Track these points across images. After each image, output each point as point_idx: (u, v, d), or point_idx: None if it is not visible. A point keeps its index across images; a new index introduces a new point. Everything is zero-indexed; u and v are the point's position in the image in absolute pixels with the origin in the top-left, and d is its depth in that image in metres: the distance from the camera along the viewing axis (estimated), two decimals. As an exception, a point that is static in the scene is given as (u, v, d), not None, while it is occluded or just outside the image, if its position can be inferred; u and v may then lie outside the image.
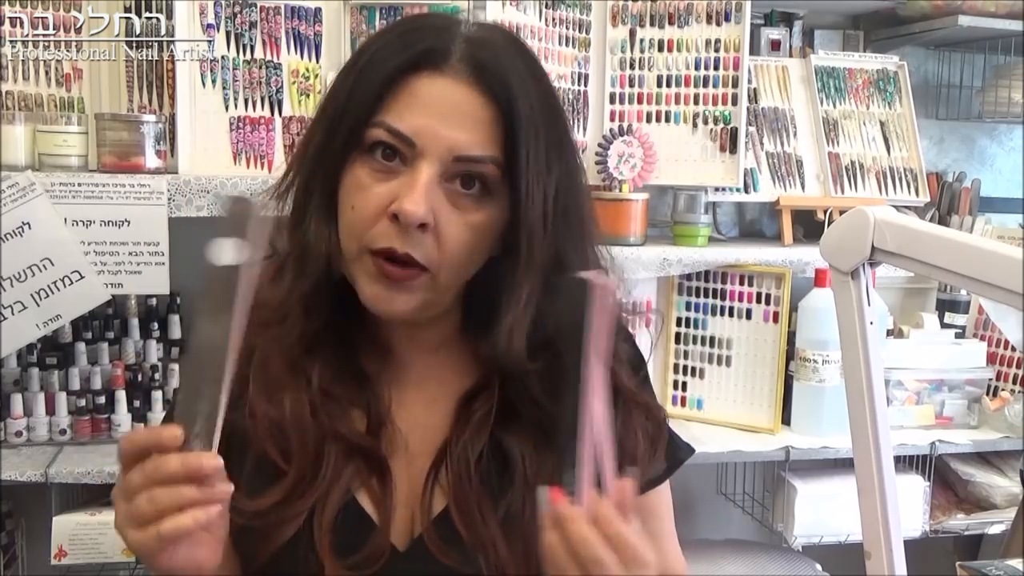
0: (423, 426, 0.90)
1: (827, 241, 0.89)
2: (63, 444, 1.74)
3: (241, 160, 1.79)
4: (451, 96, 0.81)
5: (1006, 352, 2.13)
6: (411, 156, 0.80)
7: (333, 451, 0.85)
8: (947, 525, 2.06)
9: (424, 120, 0.80)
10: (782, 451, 1.89)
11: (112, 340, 1.84)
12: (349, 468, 0.85)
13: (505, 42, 0.87)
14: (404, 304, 0.83)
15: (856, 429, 0.87)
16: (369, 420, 0.88)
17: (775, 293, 1.96)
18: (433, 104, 0.80)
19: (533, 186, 0.81)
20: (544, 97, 0.84)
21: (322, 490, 0.84)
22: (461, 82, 0.81)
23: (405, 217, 0.78)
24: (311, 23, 1.82)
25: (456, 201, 0.81)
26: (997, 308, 2.03)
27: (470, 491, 0.85)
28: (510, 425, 0.87)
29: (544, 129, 0.83)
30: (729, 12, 1.98)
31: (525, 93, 0.82)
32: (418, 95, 0.81)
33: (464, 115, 0.81)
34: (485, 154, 0.81)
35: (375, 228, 0.81)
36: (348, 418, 0.87)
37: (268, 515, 0.83)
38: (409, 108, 0.81)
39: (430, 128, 0.80)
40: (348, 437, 0.86)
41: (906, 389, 2.03)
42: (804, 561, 1.98)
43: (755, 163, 2.09)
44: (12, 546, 1.84)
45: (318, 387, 0.86)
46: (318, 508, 0.83)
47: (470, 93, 0.81)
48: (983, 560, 1.33)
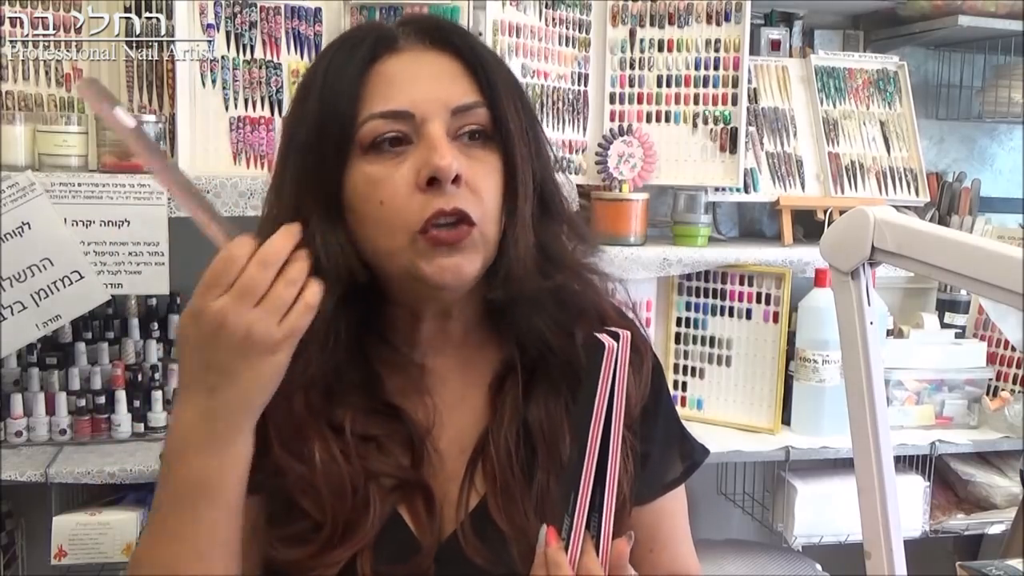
0: (458, 426, 0.90)
1: (827, 241, 0.89)
2: (63, 444, 1.74)
3: (241, 160, 1.79)
4: (419, 63, 0.85)
5: (1006, 352, 2.13)
6: (414, 130, 0.82)
7: (376, 493, 0.84)
8: (947, 525, 2.06)
9: (408, 91, 0.83)
10: (782, 451, 1.89)
11: (112, 340, 1.84)
12: (393, 497, 0.85)
13: (436, 17, 0.93)
14: (470, 266, 0.83)
15: (856, 429, 0.87)
16: (412, 450, 0.87)
17: (775, 293, 1.96)
18: (408, 76, 0.84)
19: (514, 119, 0.85)
20: (487, 48, 0.91)
21: (368, 537, 0.82)
22: (421, 50, 0.86)
23: (441, 172, 0.79)
24: (311, 23, 1.82)
25: (468, 153, 0.83)
26: (997, 308, 2.03)
27: (512, 480, 0.86)
28: (535, 399, 0.88)
29: (502, 69, 0.88)
30: (729, 12, 1.98)
31: (473, 47, 0.87)
32: (389, 76, 0.84)
33: (439, 73, 0.84)
34: (473, 100, 0.84)
35: (414, 205, 0.81)
36: (389, 454, 0.86)
37: (306, 563, 0.82)
38: (389, 89, 0.83)
39: (419, 94, 0.83)
40: (392, 475, 0.85)
41: (906, 389, 2.03)
42: (804, 561, 1.98)
43: (755, 163, 2.09)
44: (12, 546, 1.84)
45: (351, 432, 0.85)
46: (359, 552, 0.82)
47: (434, 55, 0.86)
48: (983, 560, 1.33)
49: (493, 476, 0.86)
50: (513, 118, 0.85)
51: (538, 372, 0.89)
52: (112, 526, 1.60)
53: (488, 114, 0.84)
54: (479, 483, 0.87)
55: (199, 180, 1.66)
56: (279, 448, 0.83)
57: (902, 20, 2.21)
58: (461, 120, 0.83)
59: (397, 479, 0.85)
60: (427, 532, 0.85)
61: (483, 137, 0.84)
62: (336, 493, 0.82)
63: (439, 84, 0.83)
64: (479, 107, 0.84)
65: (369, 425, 0.86)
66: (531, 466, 0.87)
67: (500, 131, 0.84)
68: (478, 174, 0.83)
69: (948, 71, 2.35)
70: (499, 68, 0.87)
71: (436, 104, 0.82)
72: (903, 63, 2.22)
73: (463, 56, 0.85)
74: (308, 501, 0.83)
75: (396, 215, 0.81)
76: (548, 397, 0.88)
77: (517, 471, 0.86)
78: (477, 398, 0.91)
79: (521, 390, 0.89)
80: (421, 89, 0.83)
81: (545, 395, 0.88)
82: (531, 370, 0.89)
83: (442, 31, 0.87)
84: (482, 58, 0.86)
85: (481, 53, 0.87)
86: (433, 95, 0.82)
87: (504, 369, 0.90)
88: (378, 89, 0.83)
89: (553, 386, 0.88)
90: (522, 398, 0.88)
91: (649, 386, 0.93)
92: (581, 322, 0.88)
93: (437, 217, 0.80)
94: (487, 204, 0.83)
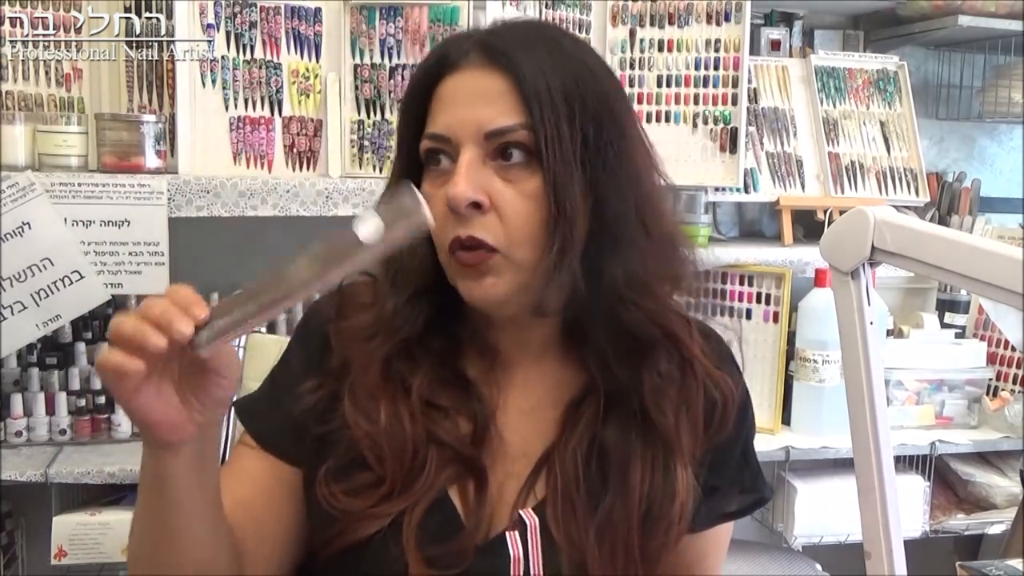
0: (525, 430, 0.90)
1: (827, 241, 0.89)
2: (63, 444, 1.74)
3: (241, 160, 1.79)
4: (468, 83, 0.84)
5: (1006, 352, 2.13)
6: (453, 152, 0.84)
7: (434, 457, 0.86)
8: (947, 525, 2.06)
9: (451, 113, 0.84)
10: (782, 451, 1.89)
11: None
12: (448, 471, 0.86)
13: (524, 23, 0.91)
14: (492, 288, 0.83)
15: (856, 429, 0.87)
16: (475, 426, 0.88)
17: (775, 293, 1.96)
18: (457, 97, 0.85)
19: (556, 135, 0.82)
20: (561, 53, 0.85)
21: (419, 495, 0.85)
22: (475, 69, 0.84)
23: (452, 201, 0.81)
24: (311, 23, 1.82)
25: (505, 175, 0.83)
26: (997, 308, 2.03)
27: (576, 495, 0.86)
28: (611, 425, 0.88)
29: (559, 80, 0.83)
30: (729, 12, 1.98)
31: (530, 55, 0.83)
32: (444, 96, 0.85)
33: (482, 95, 0.83)
34: (512, 122, 0.82)
35: (447, 226, 0.83)
36: (453, 425, 0.88)
37: (362, 513, 0.84)
38: (441, 111, 0.85)
39: (456, 118, 0.83)
40: (452, 445, 0.87)
41: (906, 389, 2.03)
42: (804, 561, 1.98)
43: (755, 163, 2.09)
44: (12, 546, 1.84)
45: (418, 396, 0.87)
46: (409, 508, 0.84)
47: (483, 74, 0.84)
48: (983, 560, 1.32)
49: (556, 487, 0.87)
50: (557, 140, 0.82)
51: (617, 399, 0.88)
52: (112, 526, 1.60)
53: (530, 135, 0.82)
54: (539, 489, 0.88)
55: (199, 180, 1.66)
56: (350, 405, 0.87)
57: (902, 20, 2.21)
58: (496, 142, 0.83)
59: (456, 451, 0.87)
60: (472, 515, 0.86)
61: (525, 158, 0.83)
62: (397, 453, 0.85)
63: (476, 106, 0.83)
64: (517, 129, 0.82)
65: (439, 393, 0.88)
66: (597, 488, 0.87)
67: (541, 154, 0.82)
68: (509, 198, 0.82)
69: (948, 71, 2.35)
70: (551, 87, 0.82)
71: (470, 128, 0.83)
72: (903, 63, 2.22)
73: (511, 73, 0.83)
74: (372, 456, 0.86)
75: (438, 233, 0.84)
76: (624, 425, 0.88)
77: (583, 489, 0.86)
78: (550, 410, 0.91)
79: (600, 414, 0.88)
80: (459, 112, 0.84)
81: (622, 423, 0.88)
82: (611, 396, 0.89)
83: (494, 48, 0.84)
84: (525, 77, 0.82)
85: (529, 71, 0.82)
86: (469, 118, 0.83)
87: (583, 392, 0.90)
88: (435, 109, 0.85)
89: (629, 415, 0.88)
90: (600, 423, 0.88)
91: (732, 424, 0.92)
92: (653, 357, 0.88)
93: (455, 243, 0.83)
94: (516, 227, 0.82)
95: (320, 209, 1.72)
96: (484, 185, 0.82)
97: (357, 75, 1.83)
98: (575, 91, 0.83)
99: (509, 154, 0.83)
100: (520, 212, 0.82)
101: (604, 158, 0.84)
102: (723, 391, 0.92)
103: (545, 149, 0.82)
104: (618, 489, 0.86)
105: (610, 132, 0.85)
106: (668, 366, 0.88)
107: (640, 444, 0.87)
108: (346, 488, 0.85)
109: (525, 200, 0.82)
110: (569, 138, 0.82)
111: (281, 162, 1.82)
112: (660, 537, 0.86)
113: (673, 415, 0.88)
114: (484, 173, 0.82)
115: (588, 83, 0.85)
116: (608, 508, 0.86)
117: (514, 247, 0.83)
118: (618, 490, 0.86)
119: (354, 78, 1.83)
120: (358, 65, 1.82)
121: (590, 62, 0.87)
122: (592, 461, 0.87)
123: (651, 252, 0.87)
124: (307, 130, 1.83)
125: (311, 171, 1.83)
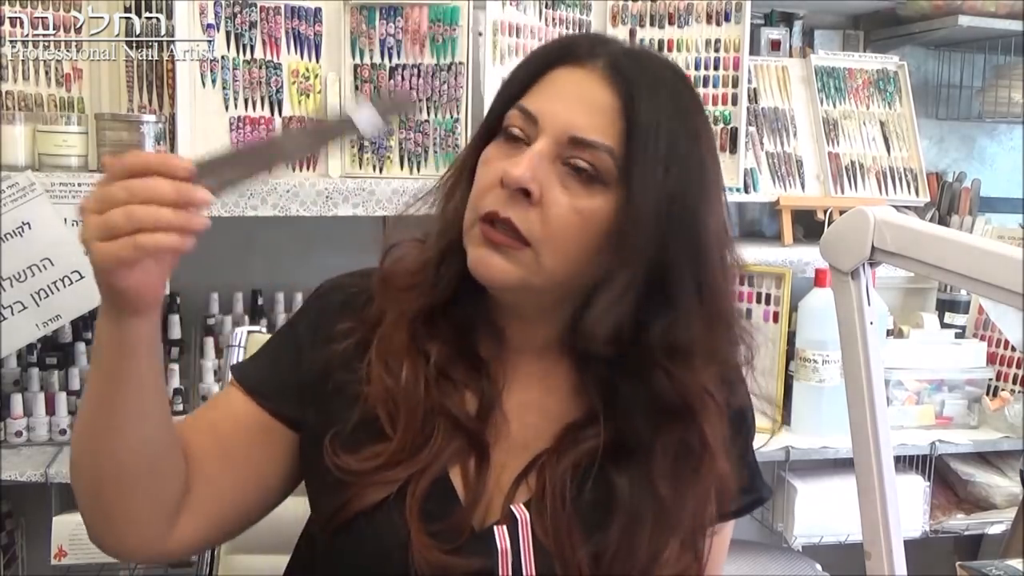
0: (525, 421, 0.90)
1: (827, 241, 0.89)
2: (63, 444, 1.73)
3: (241, 160, 1.79)
4: (581, 84, 0.84)
5: (1006, 352, 2.13)
6: (533, 135, 0.84)
7: (441, 427, 0.87)
8: (947, 525, 2.06)
9: (551, 102, 0.84)
10: (782, 451, 1.89)
11: (112, 340, 1.84)
12: (452, 446, 0.87)
13: (659, 59, 0.90)
14: (501, 271, 0.83)
15: (856, 429, 0.87)
16: (480, 403, 0.89)
17: (775, 293, 1.96)
18: (564, 90, 0.84)
19: (645, 181, 0.82)
20: (679, 106, 0.85)
21: (424, 463, 0.85)
22: (595, 75, 0.84)
23: (507, 178, 0.81)
24: (311, 23, 1.82)
25: (567, 183, 0.83)
26: (997, 308, 2.03)
27: (561, 511, 0.85)
28: (623, 476, 0.86)
29: (669, 130, 0.83)
30: (729, 12, 1.98)
31: (654, 94, 0.83)
32: (555, 83, 0.85)
33: (588, 102, 0.83)
34: (600, 140, 0.82)
35: (489, 196, 0.83)
36: (461, 398, 0.89)
37: (365, 476, 0.85)
38: (543, 93, 0.85)
39: (552, 107, 0.83)
40: (458, 417, 0.87)
41: (906, 389, 2.03)
42: (804, 561, 1.98)
43: (755, 163, 2.09)
44: (12, 546, 1.84)
45: (435, 364, 0.88)
46: (414, 478, 0.85)
47: (600, 84, 0.84)
48: (983, 560, 1.33)
49: (543, 494, 0.86)
50: (641, 181, 0.81)
51: (627, 446, 0.87)
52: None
53: (610, 161, 0.82)
54: (531, 485, 0.87)
55: (199, 180, 1.66)
56: (376, 360, 0.88)
57: (902, 20, 2.21)
58: (574, 151, 0.82)
59: (461, 424, 0.87)
60: (472, 492, 0.86)
61: (593, 179, 0.82)
62: (410, 415, 0.86)
63: (577, 109, 0.83)
64: (601, 150, 0.82)
65: (453, 365, 0.89)
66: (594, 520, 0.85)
67: (619, 181, 0.82)
68: (558, 204, 0.82)
69: (948, 71, 2.35)
70: (659, 130, 0.82)
71: (558, 123, 0.83)
72: (903, 63, 2.22)
73: (624, 98, 0.83)
74: (385, 414, 0.86)
75: (477, 196, 0.85)
76: (634, 479, 0.86)
77: (569, 511, 0.84)
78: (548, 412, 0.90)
79: (600, 449, 0.86)
80: (559, 105, 0.83)
81: (632, 475, 0.86)
82: (620, 439, 0.87)
83: (624, 71, 0.84)
84: (638, 107, 0.82)
85: (641, 103, 0.82)
86: (564, 115, 0.83)
87: (586, 417, 0.89)
88: (540, 87, 0.85)
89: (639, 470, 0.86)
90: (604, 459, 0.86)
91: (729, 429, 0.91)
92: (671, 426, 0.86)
93: (492, 216, 0.83)
94: (554, 233, 0.82)
95: (320, 209, 1.72)
96: (542, 180, 0.82)
97: (357, 75, 1.83)
98: (678, 146, 0.83)
99: (582, 168, 0.82)
100: (565, 221, 0.82)
101: (681, 218, 0.83)
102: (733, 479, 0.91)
103: (631, 181, 0.81)
104: (624, 546, 0.85)
105: (696, 197, 0.84)
106: (686, 437, 0.87)
107: (651, 508, 0.86)
108: (354, 451, 0.86)
109: (574, 213, 0.82)
110: (660, 183, 0.82)
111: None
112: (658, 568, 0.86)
113: (676, 489, 0.86)
114: (548, 170, 0.82)
115: (693, 144, 0.85)
116: (611, 555, 0.84)
117: (544, 249, 0.82)
118: (623, 547, 0.85)
119: (354, 78, 1.83)
120: (358, 65, 1.82)
121: (701, 124, 0.87)
122: (587, 486, 0.86)
123: (701, 324, 0.86)
124: (307, 130, 1.83)
125: (311, 171, 1.83)
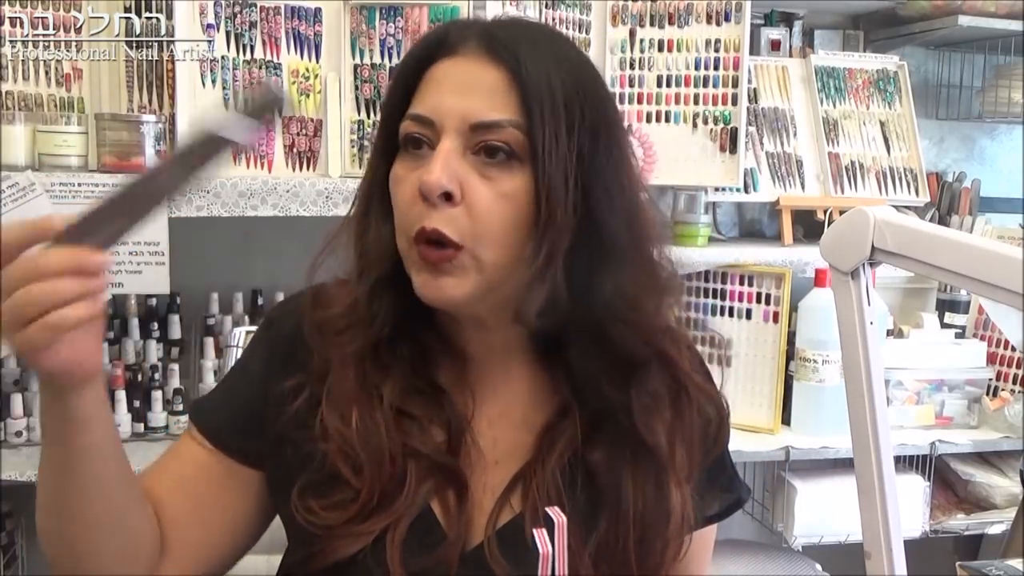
0: (497, 437, 0.88)
1: (827, 241, 0.89)
2: (63, 444, 1.73)
3: (241, 160, 1.79)
4: (464, 71, 0.81)
5: (1006, 352, 2.13)
6: (435, 137, 0.81)
7: (412, 469, 0.83)
8: (947, 525, 2.06)
9: (439, 98, 0.81)
10: (782, 451, 1.89)
11: (112, 340, 1.84)
12: (427, 484, 0.84)
13: (527, 23, 0.88)
14: (453, 289, 0.80)
15: (856, 429, 0.87)
16: (449, 434, 0.86)
17: (775, 293, 1.96)
18: (448, 82, 0.82)
19: (550, 144, 0.79)
20: (561, 55, 0.84)
21: (400, 511, 0.82)
22: (473, 57, 0.82)
23: (424, 188, 0.78)
24: (311, 23, 1.82)
25: (484, 171, 0.80)
26: (997, 308, 2.03)
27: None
28: (600, 449, 0.86)
29: (564, 90, 0.81)
30: (729, 12, 1.98)
31: (535, 51, 0.81)
32: (437, 79, 0.82)
33: (476, 85, 0.81)
34: (502, 118, 0.80)
35: (413, 213, 0.80)
36: (427, 435, 0.85)
37: (336, 529, 0.82)
38: (429, 93, 0.82)
39: (444, 103, 0.80)
40: (428, 455, 0.84)
41: (906, 389, 2.03)
42: (804, 561, 1.98)
43: (755, 163, 2.09)
44: (12, 546, 1.84)
45: (389, 406, 0.85)
46: (392, 526, 0.82)
47: (482, 65, 0.81)
48: (983, 560, 1.32)
49: (535, 503, 0.84)
50: (554, 145, 0.79)
51: (603, 418, 0.86)
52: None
53: (520, 135, 0.79)
54: (515, 503, 0.86)
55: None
56: (327, 410, 0.84)
57: (902, 20, 2.21)
58: (481, 136, 0.79)
59: (433, 461, 0.84)
60: (455, 523, 0.84)
61: (508, 157, 0.80)
62: (374, 460, 0.82)
63: (470, 95, 0.80)
64: (506, 126, 0.79)
65: (410, 402, 0.86)
66: (587, 513, 0.85)
67: (535, 155, 0.79)
68: (482, 196, 0.79)
69: (948, 71, 2.35)
70: (552, 87, 0.80)
71: (455, 116, 0.80)
72: (903, 63, 2.22)
73: (510, 69, 0.80)
74: (347, 467, 0.83)
75: (403, 218, 0.82)
76: (612, 447, 0.86)
77: (568, 510, 0.82)
78: (522, 421, 0.89)
79: (579, 436, 0.86)
80: (448, 98, 0.80)
81: (609, 445, 0.86)
82: (596, 415, 0.86)
83: (499, 43, 0.81)
84: (529, 74, 0.80)
85: (533, 69, 0.80)
86: (458, 106, 0.80)
87: (559, 412, 0.88)
88: (423, 89, 0.82)
89: (617, 436, 0.86)
90: (582, 444, 0.86)
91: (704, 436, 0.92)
92: (642, 376, 0.86)
93: (421, 234, 0.80)
94: (485, 226, 0.79)
95: (320, 209, 1.72)
96: (460, 177, 0.79)
97: (357, 75, 1.83)
98: (576, 97, 0.81)
99: (491, 150, 0.80)
100: (492, 211, 0.79)
101: (598, 169, 0.82)
102: (716, 405, 0.92)
103: (541, 152, 0.79)
104: (612, 514, 0.85)
105: (606, 143, 0.83)
106: (659, 385, 0.86)
107: (631, 466, 0.85)
108: (324, 504, 0.83)
109: (500, 200, 0.80)
110: (566, 144, 0.80)
111: (281, 162, 1.82)
112: (657, 556, 0.86)
113: (666, 435, 0.86)
114: (462, 165, 0.79)
115: (589, 90, 0.83)
116: (603, 534, 0.84)
117: (480, 245, 0.80)
118: (612, 515, 0.85)
119: (354, 78, 1.83)
120: (358, 65, 1.82)
121: (589, 70, 0.86)
122: (577, 483, 0.85)
123: (642, 267, 0.85)
124: (307, 130, 1.83)
125: (311, 171, 1.83)
